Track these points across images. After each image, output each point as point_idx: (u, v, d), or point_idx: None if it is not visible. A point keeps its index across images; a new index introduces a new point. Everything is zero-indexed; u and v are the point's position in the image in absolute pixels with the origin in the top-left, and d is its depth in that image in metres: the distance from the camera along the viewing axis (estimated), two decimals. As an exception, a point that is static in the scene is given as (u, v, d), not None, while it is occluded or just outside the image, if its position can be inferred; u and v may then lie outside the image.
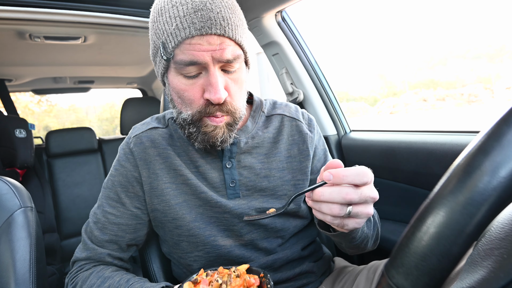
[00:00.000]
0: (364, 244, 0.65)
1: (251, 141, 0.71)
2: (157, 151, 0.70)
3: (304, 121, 0.78)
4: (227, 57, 0.56)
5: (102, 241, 0.70)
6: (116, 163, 0.72)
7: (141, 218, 0.71)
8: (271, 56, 1.45)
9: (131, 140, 0.71)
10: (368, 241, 0.65)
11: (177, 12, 0.54)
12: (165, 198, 0.68)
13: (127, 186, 0.70)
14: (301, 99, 1.41)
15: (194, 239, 0.68)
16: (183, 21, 0.53)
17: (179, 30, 0.54)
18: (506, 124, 0.25)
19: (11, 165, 1.78)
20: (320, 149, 0.78)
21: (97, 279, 0.64)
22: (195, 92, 0.59)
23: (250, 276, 0.55)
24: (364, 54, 13.09)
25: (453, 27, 12.43)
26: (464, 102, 5.86)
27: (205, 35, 0.54)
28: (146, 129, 0.72)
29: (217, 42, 0.55)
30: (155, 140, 0.71)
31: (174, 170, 0.69)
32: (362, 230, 0.60)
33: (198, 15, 0.53)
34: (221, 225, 0.69)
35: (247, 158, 0.71)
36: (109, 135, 3.21)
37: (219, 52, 0.55)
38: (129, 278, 0.64)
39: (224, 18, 0.54)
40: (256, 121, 0.74)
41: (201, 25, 0.53)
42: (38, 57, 1.93)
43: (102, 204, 0.71)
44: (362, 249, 0.67)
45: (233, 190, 0.69)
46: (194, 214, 0.68)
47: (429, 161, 0.97)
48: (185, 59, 0.56)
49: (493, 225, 0.23)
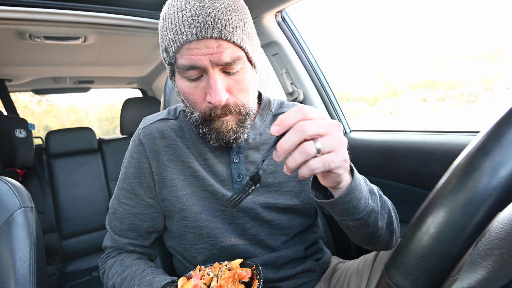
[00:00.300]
0: (373, 223, 0.58)
1: (259, 137, 0.73)
2: (166, 142, 0.71)
3: None
4: (225, 60, 0.56)
5: (122, 230, 0.75)
6: (128, 155, 0.74)
7: (156, 207, 0.74)
8: (271, 56, 1.45)
9: (141, 131, 0.73)
10: (377, 219, 0.59)
11: (177, 17, 0.55)
12: (173, 188, 0.70)
13: (140, 177, 0.72)
14: (301, 99, 1.41)
15: (200, 231, 0.69)
16: (181, 27, 0.55)
17: (178, 35, 0.55)
18: (506, 124, 0.25)
19: (11, 165, 1.78)
20: None
21: (119, 267, 0.72)
22: (198, 95, 0.60)
23: (243, 269, 0.56)
24: (364, 54, 13.10)
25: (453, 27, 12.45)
26: (464, 102, 5.86)
27: (202, 39, 0.55)
28: (156, 120, 0.74)
29: (215, 46, 0.55)
30: (164, 131, 0.72)
31: (182, 162, 0.70)
32: (365, 200, 0.55)
33: (195, 20, 0.54)
34: (226, 218, 0.70)
35: (254, 154, 0.72)
36: (109, 135, 3.21)
37: (217, 56, 0.55)
38: (144, 269, 0.69)
39: (221, 21, 0.54)
40: (264, 119, 0.76)
41: (197, 29, 0.54)
42: (38, 57, 1.93)
43: (118, 195, 0.75)
44: (375, 232, 0.60)
45: (239, 185, 0.70)
46: (201, 206, 0.69)
47: (429, 161, 0.97)
48: (185, 64, 0.57)
49: (493, 225, 0.23)
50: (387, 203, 0.65)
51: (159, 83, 2.78)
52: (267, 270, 0.71)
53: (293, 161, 0.45)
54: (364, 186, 0.57)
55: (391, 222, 0.65)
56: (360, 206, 0.55)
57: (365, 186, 0.58)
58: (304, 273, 0.75)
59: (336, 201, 0.54)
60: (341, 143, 0.46)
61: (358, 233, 0.61)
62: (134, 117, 2.30)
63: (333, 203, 0.54)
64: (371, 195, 0.59)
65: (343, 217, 0.57)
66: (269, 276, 0.70)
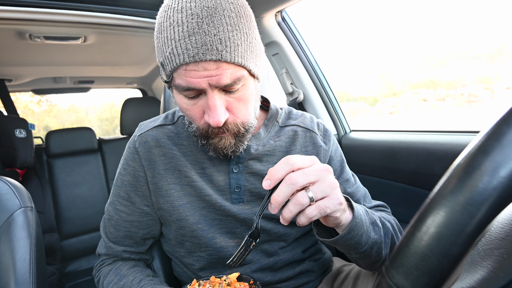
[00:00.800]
0: (376, 253, 0.60)
1: (262, 148, 0.70)
2: (162, 151, 0.69)
3: (319, 133, 0.76)
4: (224, 83, 0.53)
5: (117, 237, 0.73)
6: (124, 161, 0.72)
7: (152, 215, 0.72)
8: (271, 56, 1.45)
9: (136, 139, 0.71)
10: (380, 249, 0.60)
11: (173, 34, 0.51)
12: (170, 198, 0.68)
13: (136, 185, 0.70)
14: (301, 99, 1.41)
15: (197, 240, 0.68)
16: (178, 46, 0.51)
17: (174, 55, 0.52)
18: (506, 124, 0.25)
19: (11, 165, 1.78)
20: (336, 160, 0.77)
21: (115, 276, 0.70)
22: (196, 112, 0.58)
23: (241, 284, 0.57)
24: (364, 54, 13.09)
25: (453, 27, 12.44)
26: (464, 102, 5.85)
27: (200, 62, 0.51)
28: (152, 127, 0.72)
29: (213, 68, 0.52)
30: (160, 139, 0.69)
31: (179, 171, 0.68)
32: (367, 234, 0.56)
33: (192, 40, 0.50)
34: (224, 227, 0.69)
35: (256, 165, 0.70)
36: (109, 135, 3.21)
37: (216, 79, 0.52)
38: (141, 279, 0.67)
39: (221, 40, 0.50)
40: (269, 130, 0.73)
41: (195, 51, 0.50)
42: (38, 57, 1.93)
43: (114, 201, 0.73)
44: (378, 260, 0.61)
45: (237, 195, 0.69)
46: (198, 216, 0.68)
47: (429, 161, 0.97)
48: (182, 84, 0.54)
49: (493, 225, 0.23)
50: (390, 229, 0.64)
51: (159, 83, 2.78)
52: (265, 273, 0.70)
53: (289, 212, 0.46)
54: (366, 220, 0.57)
55: (395, 243, 0.65)
56: (362, 241, 0.56)
57: (367, 219, 0.58)
58: (303, 273, 0.74)
59: (337, 240, 0.55)
60: (333, 187, 0.48)
61: (362, 263, 0.63)
62: (134, 117, 2.30)
63: (334, 241, 0.56)
64: (374, 226, 0.59)
65: (346, 251, 0.59)
66: (267, 279, 0.70)
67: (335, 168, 0.76)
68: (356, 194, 0.75)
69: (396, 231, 0.67)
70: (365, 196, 0.77)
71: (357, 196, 0.75)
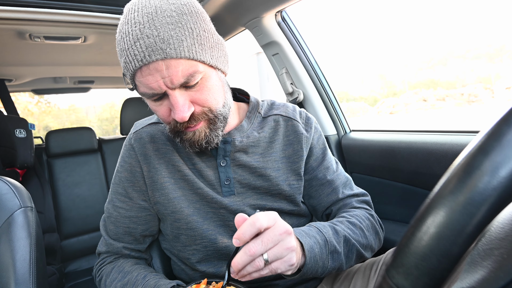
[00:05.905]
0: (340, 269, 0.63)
1: (246, 140, 0.72)
2: (156, 146, 0.72)
3: (300, 121, 0.78)
4: (178, 82, 0.54)
5: (117, 233, 0.74)
6: (121, 159, 0.75)
7: (149, 210, 0.74)
8: (271, 56, 1.45)
9: (132, 136, 0.74)
10: (343, 266, 0.63)
11: (123, 44, 0.54)
12: (165, 191, 0.70)
13: (133, 180, 0.72)
14: (301, 99, 1.41)
15: (192, 233, 0.70)
16: (128, 54, 0.53)
17: (128, 63, 0.54)
18: (506, 124, 0.25)
19: (11, 165, 1.78)
20: (318, 148, 0.78)
21: (118, 274, 0.70)
22: (164, 111, 0.60)
23: None
24: (364, 54, 13.03)
25: (453, 27, 12.41)
26: (464, 102, 5.86)
27: (150, 63, 0.53)
28: (146, 125, 0.75)
29: (164, 67, 0.53)
30: (155, 135, 0.73)
31: (172, 166, 0.71)
32: (323, 268, 0.59)
33: (137, 45, 0.52)
34: (218, 220, 0.71)
35: (243, 157, 0.71)
36: (109, 135, 3.21)
37: (169, 79, 0.54)
38: (146, 274, 0.68)
39: (164, 40, 0.52)
40: (252, 121, 0.75)
41: (141, 55, 0.52)
42: (38, 57, 1.93)
43: (112, 199, 0.75)
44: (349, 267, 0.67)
45: (228, 188, 0.71)
46: (192, 208, 0.70)
47: (429, 161, 0.97)
48: (144, 91, 0.57)
49: (493, 225, 0.23)
50: (356, 244, 0.65)
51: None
52: None
53: (245, 271, 0.49)
54: (323, 254, 0.59)
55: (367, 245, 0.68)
56: (319, 272, 0.60)
57: (323, 253, 0.59)
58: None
59: (293, 279, 0.62)
60: (289, 251, 0.50)
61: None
62: (134, 117, 2.30)
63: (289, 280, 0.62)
64: (333, 255, 0.61)
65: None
66: (267, 278, 0.70)
67: (316, 156, 0.78)
68: (335, 182, 0.77)
69: (369, 228, 0.70)
70: (345, 184, 0.79)
71: (336, 183, 0.77)
